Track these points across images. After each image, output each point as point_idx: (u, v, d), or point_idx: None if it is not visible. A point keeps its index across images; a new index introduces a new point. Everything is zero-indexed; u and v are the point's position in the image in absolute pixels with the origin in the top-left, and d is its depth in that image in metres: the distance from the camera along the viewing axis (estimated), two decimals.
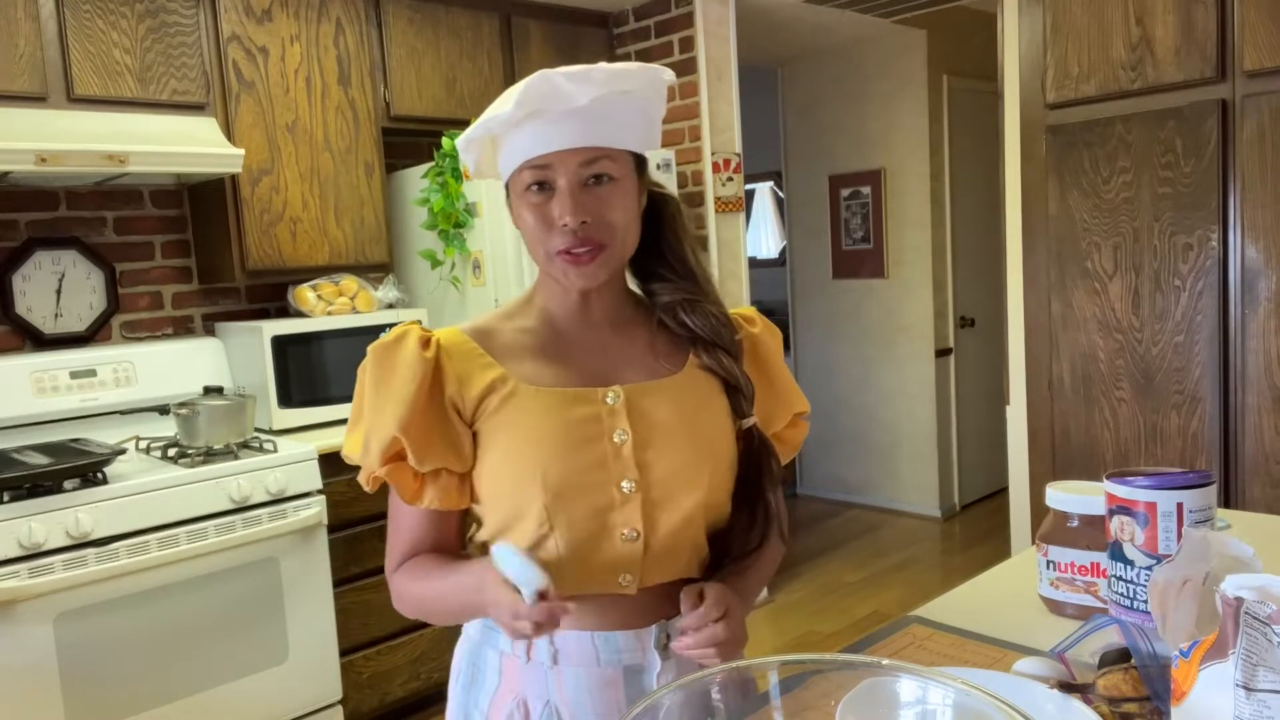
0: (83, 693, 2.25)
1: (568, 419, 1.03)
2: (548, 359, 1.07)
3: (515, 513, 1.03)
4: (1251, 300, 2.24)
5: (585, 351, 1.09)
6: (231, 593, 2.48)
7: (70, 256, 2.84)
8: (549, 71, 0.98)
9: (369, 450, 1.02)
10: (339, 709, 2.71)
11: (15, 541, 2.16)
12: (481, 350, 1.06)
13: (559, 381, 1.05)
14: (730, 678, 0.72)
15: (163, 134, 2.62)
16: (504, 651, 1.08)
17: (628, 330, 1.12)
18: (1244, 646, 0.71)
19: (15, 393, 2.60)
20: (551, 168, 1.00)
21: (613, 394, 1.05)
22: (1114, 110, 2.40)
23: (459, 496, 1.05)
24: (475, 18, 3.41)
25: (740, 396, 1.11)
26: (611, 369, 1.08)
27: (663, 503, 1.05)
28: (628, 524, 1.03)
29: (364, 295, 3.13)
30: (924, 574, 4.17)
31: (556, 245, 1.01)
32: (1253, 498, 2.26)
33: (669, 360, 1.11)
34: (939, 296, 4.84)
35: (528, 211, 1.02)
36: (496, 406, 1.03)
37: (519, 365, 1.06)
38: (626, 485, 1.03)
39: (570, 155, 1.00)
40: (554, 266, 1.03)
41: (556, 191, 1.01)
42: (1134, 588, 1.09)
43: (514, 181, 1.04)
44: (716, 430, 1.09)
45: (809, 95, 5.17)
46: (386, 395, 1.02)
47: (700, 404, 1.09)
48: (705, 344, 1.11)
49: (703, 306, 1.11)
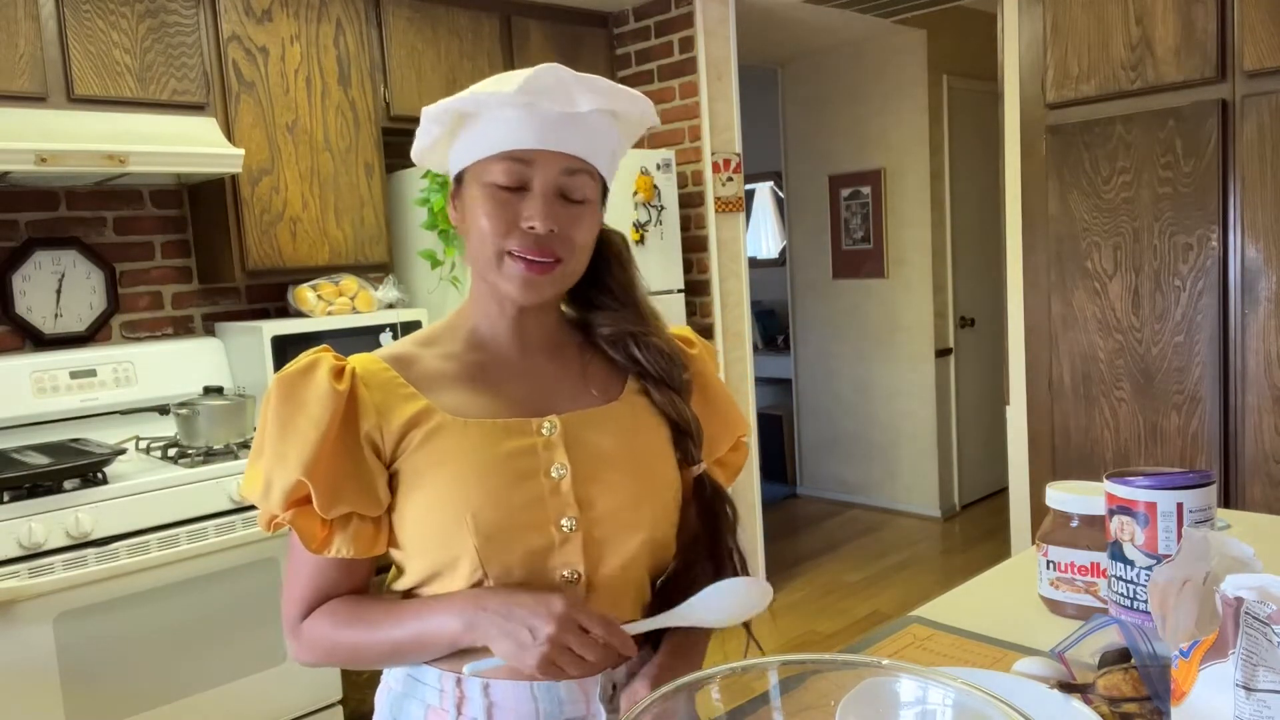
0: (83, 693, 2.25)
1: (500, 454, 0.94)
2: (476, 388, 0.98)
3: (444, 560, 0.94)
4: (1251, 300, 2.23)
5: (517, 378, 1.01)
6: (231, 593, 2.48)
7: (70, 256, 2.84)
8: (560, 67, 0.93)
9: (269, 493, 0.92)
10: (339, 709, 2.71)
11: (15, 541, 2.16)
12: (402, 380, 0.96)
13: (489, 412, 0.97)
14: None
15: (163, 134, 2.62)
16: (431, 705, 0.97)
17: (560, 355, 1.05)
18: (1244, 646, 0.71)
19: (15, 393, 2.60)
20: (532, 165, 0.94)
21: (549, 424, 0.97)
22: (1114, 110, 2.40)
23: (372, 543, 0.95)
24: (475, 18, 3.41)
25: (690, 441, 1.04)
26: (545, 397, 1.00)
27: (606, 541, 0.97)
28: (568, 565, 0.95)
29: (364, 295, 3.13)
30: (924, 574, 4.17)
31: (512, 246, 0.94)
32: (1253, 498, 2.26)
33: (605, 387, 1.04)
34: (939, 296, 4.84)
35: (487, 204, 0.94)
36: (420, 442, 0.94)
37: (444, 396, 0.97)
38: (566, 524, 0.95)
39: (555, 158, 0.94)
40: (502, 271, 0.95)
41: (530, 192, 0.94)
42: (1134, 588, 1.09)
43: (477, 170, 0.96)
44: (660, 461, 1.02)
45: (809, 95, 5.17)
46: (292, 433, 0.92)
47: (641, 433, 1.02)
48: (654, 381, 1.04)
49: (652, 342, 1.04)
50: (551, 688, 0.94)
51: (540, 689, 0.94)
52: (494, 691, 0.94)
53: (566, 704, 0.95)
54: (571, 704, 0.95)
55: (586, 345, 1.07)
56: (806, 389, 5.45)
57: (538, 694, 0.94)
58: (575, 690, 0.95)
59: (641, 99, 1.00)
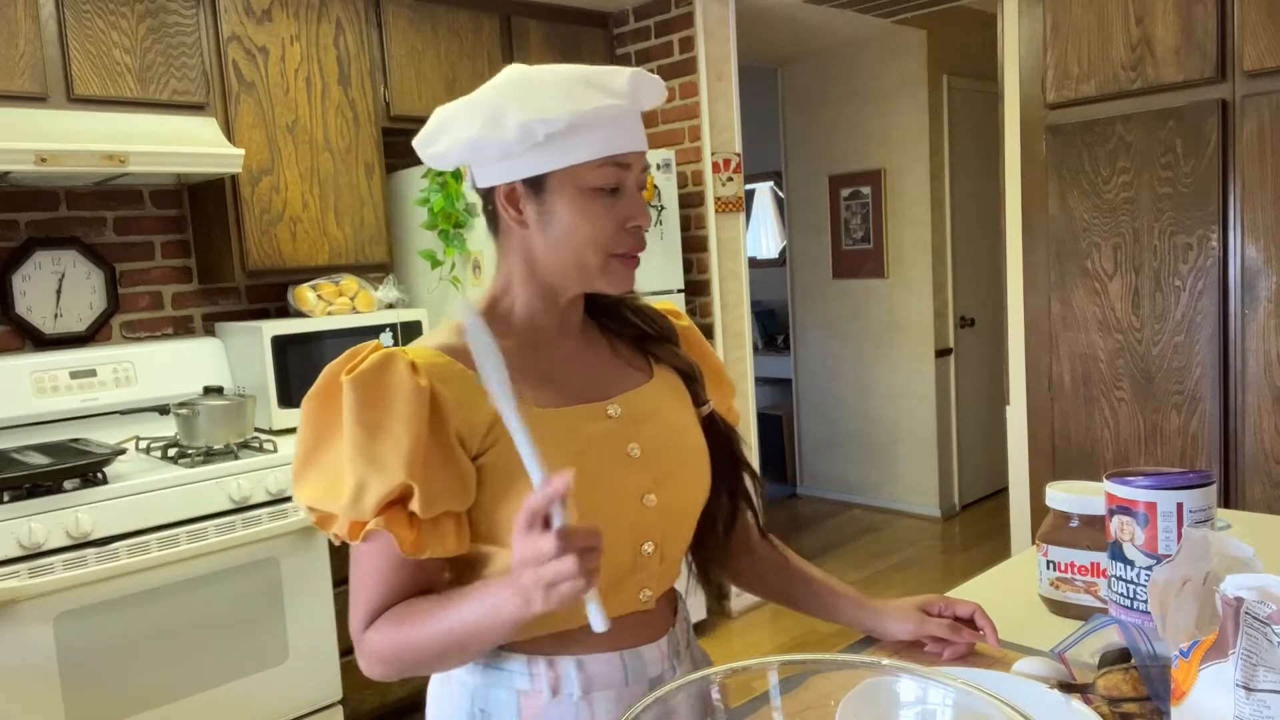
0: (83, 693, 2.25)
1: (584, 439, 0.97)
2: (538, 377, 1.00)
3: None
4: (1251, 300, 2.23)
5: (569, 365, 1.03)
6: (231, 593, 2.48)
7: (70, 256, 2.84)
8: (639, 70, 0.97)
9: (361, 500, 0.89)
10: (339, 709, 2.71)
11: (15, 541, 2.16)
12: (470, 372, 0.92)
13: (560, 400, 0.99)
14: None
15: (163, 134, 2.62)
16: (521, 690, 0.98)
17: (591, 341, 1.08)
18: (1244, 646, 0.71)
19: (15, 393, 2.60)
20: (629, 168, 0.97)
21: (613, 407, 1.01)
22: (1114, 110, 2.40)
23: (457, 541, 0.93)
24: (475, 17, 3.41)
25: (696, 384, 1.10)
26: (600, 382, 1.04)
27: (679, 512, 1.03)
28: (648, 537, 1.00)
29: (364, 295, 3.13)
30: (924, 574, 4.17)
31: (622, 248, 0.97)
32: (1253, 498, 2.26)
33: (638, 366, 1.09)
34: (939, 296, 4.84)
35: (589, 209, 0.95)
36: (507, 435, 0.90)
37: (514, 387, 0.95)
38: (649, 499, 0.99)
39: (640, 157, 0.98)
40: (607, 272, 0.98)
41: (625, 192, 0.97)
42: (1134, 588, 1.09)
43: (569, 174, 0.95)
44: (698, 430, 1.08)
45: (809, 95, 5.17)
46: (383, 435, 0.89)
47: (681, 406, 1.08)
48: (656, 340, 1.10)
49: (639, 304, 1.11)
50: (638, 654, 1.01)
51: (628, 656, 1.01)
52: (589, 666, 0.98)
53: (649, 665, 1.02)
54: (652, 665, 1.02)
55: (601, 327, 1.11)
56: (806, 389, 5.45)
57: (626, 661, 1.00)
58: (655, 652, 1.03)
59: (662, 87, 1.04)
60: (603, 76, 0.95)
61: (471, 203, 3.10)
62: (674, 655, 1.05)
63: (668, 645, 1.04)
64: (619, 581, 0.99)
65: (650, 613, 1.03)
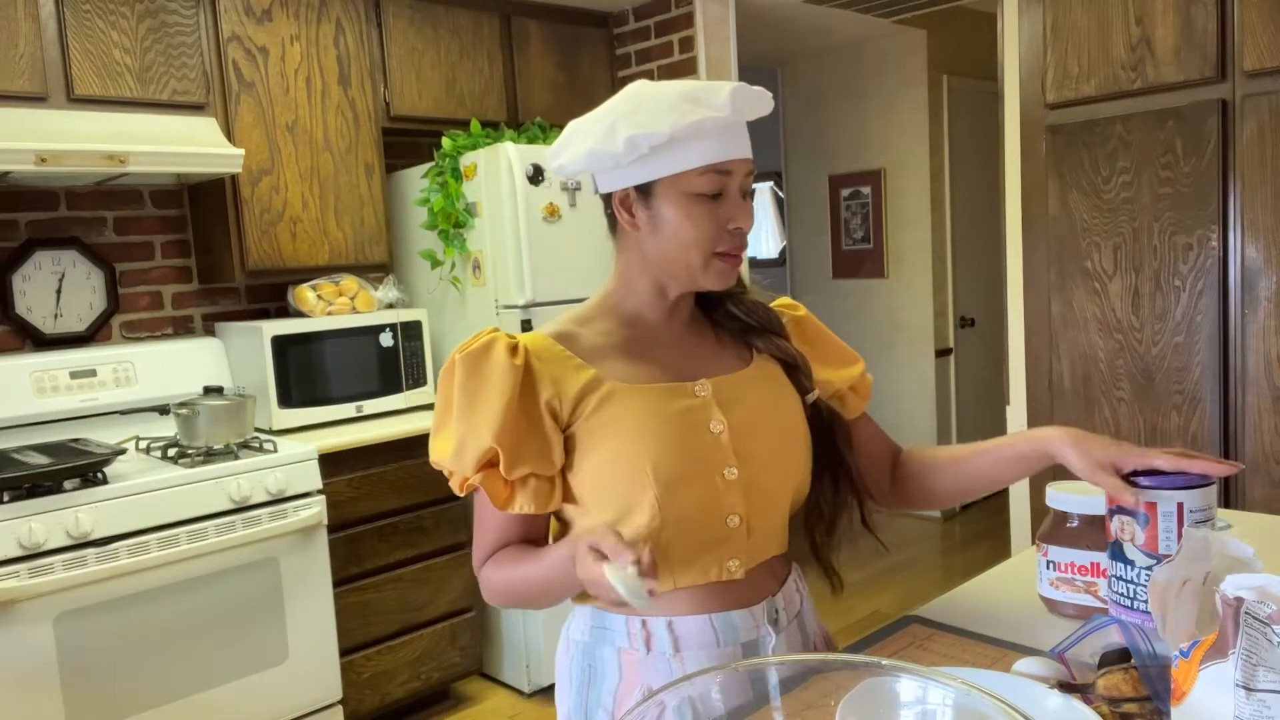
0: (83, 693, 2.25)
1: (669, 412, 1.06)
2: (633, 358, 1.11)
3: (625, 508, 1.05)
4: (1251, 300, 2.23)
5: (666, 349, 1.13)
6: (231, 593, 2.48)
7: (70, 256, 2.84)
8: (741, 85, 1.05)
9: (462, 458, 1.04)
10: (339, 709, 2.71)
11: (15, 541, 2.16)
12: (570, 353, 1.09)
13: (650, 378, 1.09)
14: (733, 677, 0.72)
15: (163, 134, 2.62)
16: (621, 647, 1.09)
17: (698, 329, 1.18)
18: (1244, 646, 0.71)
19: (15, 393, 2.60)
20: (732, 174, 1.06)
21: (701, 387, 1.10)
22: (1114, 110, 2.40)
23: (549, 500, 1.07)
24: (475, 17, 3.41)
25: (800, 374, 1.17)
26: (693, 365, 1.13)
27: (763, 488, 1.10)
28: (732, 510, 1.07)
29: (364, 295, 3.13)
30: (924, 574, 4.17)
31: (723, 247, 1.07)
32: (1253, 498, 2.26)
33: (739, 354, 1.17)
34: (939, 296, 4.84)
35: (695, 213, 1.05)
36: (596, 407, 1.06)
37: (608, 365, 1.09)
38: (730, 473, 1.07)
39: (744, 165, 1.08)
40: (708, 270, 1.08)
41: (727, 196, 1.06)
42: (1134, 588, 1.09)
43: (678, 182, 1.05)
44: (795, 415, 1.15)
45: (809, 95, 5.17)
46: (479, 404, 1.04)
47: (777, 392, 1.15)
48: (759, 332, 1.18)
49: (747, 299, 1.19)
50: (726, 618, 1.08)
51: (718, 619, 1.08)
52: (677, 627, 1.07)
53: (740, 630, 1.08)
54: (745, 629, 1.09)
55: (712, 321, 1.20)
56: None
57: (716, 624, 1.08)
58: (747, 618, 1.09)
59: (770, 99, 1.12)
60: (707, 92, 1.04)
61: (472, 202, 3.10)
62: (771, 623, 1.10)
63: (763, 613, 1.10)
64: (703, 550, 1.07)
65: (740, 582, 1.09)
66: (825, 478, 1.20)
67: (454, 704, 3.10)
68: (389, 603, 2.86)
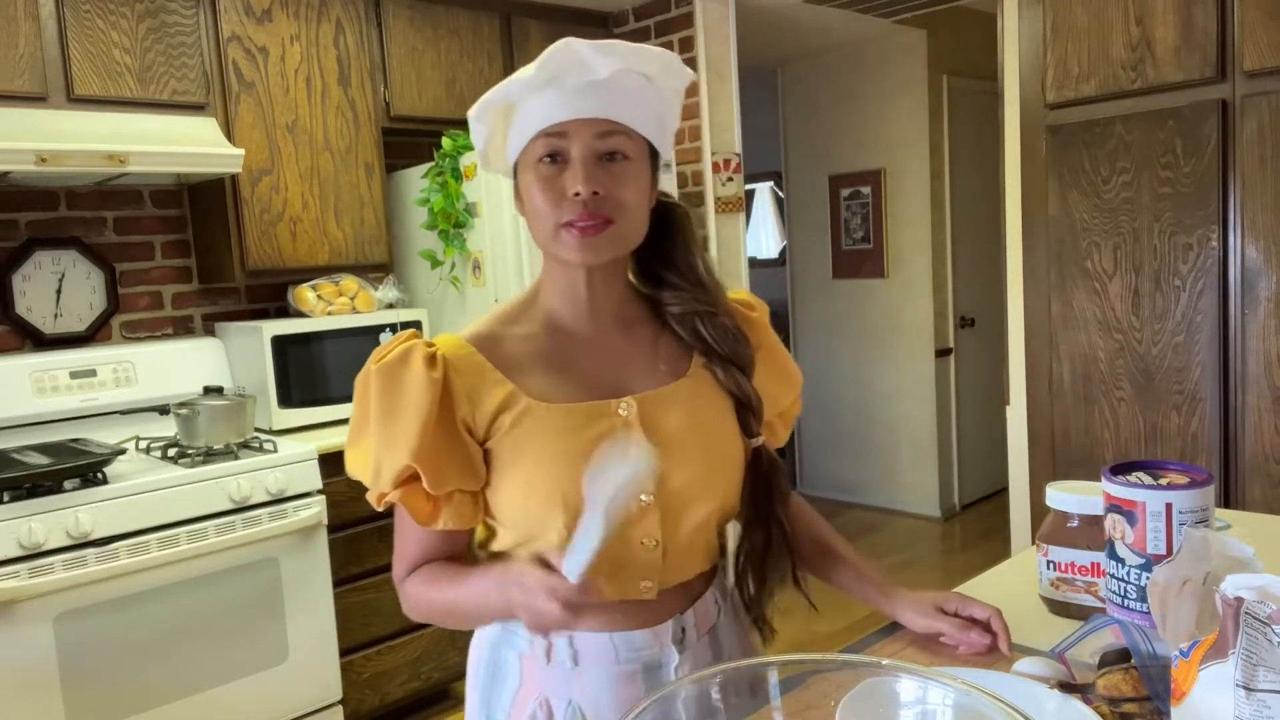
0: (83, 693, 2.25)
1: (585, 439, 1.00)
2: (556, 369, 1.05)
3: (538, 530, 1.01)
4: (1251, 300, 2.24)
5: (593, 356, 1.07)
6: (231, 593, 2.48)
7: (70, 256, 2.84)
8: (573, 39, 0.96)
9: (380, 475, 1.01)
10: (339, 709, 2.71)
11: (15, 541, 2.16)
12: (489, 364, 1.03)
13: (570, 395, 1.03)
14: (737, 676, 0.72)
15: (163, 134, 2.62)
16: (524, 653, 1.07)
17: (634, 331, 1.10)
18: (1244, 646, 0.71)
19: (15, 393, 2.60)
20: (566, 136, 0.98)
21: (625, 405, 1.04)
22: (1114, 110, 2.40)
23: (473, 515, 1.04)
24: (475, 17, 3.41)
25: (750, 415, 1.10)
26: (620, 377, 1.07)
27: (680, 512, 1.05)
28: (647, 534, 1.03)
29: (364, 295, 3.13)
30: (924, 574, 4.17)
31: (564, 217, 0.99)
32: (1253, 498, 2.26)
33: (674, 363, 1.10)
34: (939, 296, 4.84)
35: (536, 183, 1.00)
36: (510, 426, 1.01)
37: (528, 379, 1.03)
38: (645, 498, 1.02)
39: (586, 125, 0.98)
40: (559, 242, 1.00)
41: (570, 162, 0.99)
42: (1125, 585, 1.09)
43: (525, 155, 1.02)
44: (726, 435, 1.09)
45: (809, 95, 5.17)
46: (396, 420, 0.99)
47: (709, 410, 1.09)
48: (720, 360, 1.09)
49: (719, 321, 1.09)
50: (629, 637, 1.05)
51: (619, 638, 1.05)
52: (578, 642, 1.05)
53: (642, 649, 1.06)
54: (646, 650, 1.06)
55: (657, 321, 1.12)
56: (806, 389, 5.35)
57: (617, 643, 1.05)
58: (650, 637, 1.06)
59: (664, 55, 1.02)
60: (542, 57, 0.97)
61: (472, 202, 3.10)
62: (675, 643, 1.07)
63: (668, 632, 1.07)
64: (616, 570, 1.02)
65: (650, 602, 1.06)
66: (757, 530, 1.13)
67: (454, 704, 3.10)
68: (389, 603, 2.86)
